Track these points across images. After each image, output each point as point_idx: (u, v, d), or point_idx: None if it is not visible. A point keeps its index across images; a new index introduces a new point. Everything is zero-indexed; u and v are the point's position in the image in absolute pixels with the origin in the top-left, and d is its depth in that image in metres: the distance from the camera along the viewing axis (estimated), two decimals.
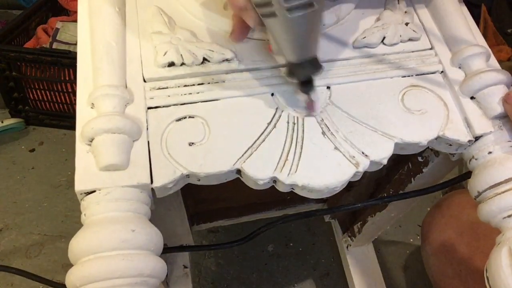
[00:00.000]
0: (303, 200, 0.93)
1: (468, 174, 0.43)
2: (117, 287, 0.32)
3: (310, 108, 0.41)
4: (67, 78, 1.25)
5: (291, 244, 1.14)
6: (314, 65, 0.38)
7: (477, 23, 1.29)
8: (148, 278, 0.33)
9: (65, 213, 1.16)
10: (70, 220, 1.15)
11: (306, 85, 0.39)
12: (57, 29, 1.36)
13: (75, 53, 0.41)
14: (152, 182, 0.36)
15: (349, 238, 0.95)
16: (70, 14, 1.52)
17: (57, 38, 1.35)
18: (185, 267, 0.86)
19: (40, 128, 1.38)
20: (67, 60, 1.19)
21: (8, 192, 1.20)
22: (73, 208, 1.16)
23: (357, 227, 0.88)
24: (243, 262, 1.10)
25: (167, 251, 0.54)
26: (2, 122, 1.32)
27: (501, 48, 1.31)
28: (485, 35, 1.30)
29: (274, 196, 0.92)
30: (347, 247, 0.97)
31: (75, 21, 0.44)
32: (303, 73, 0.38)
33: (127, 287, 0.32)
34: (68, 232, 1.12)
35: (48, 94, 1.31)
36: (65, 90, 1.28)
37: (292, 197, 0.93)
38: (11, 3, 1.76)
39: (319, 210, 0.55)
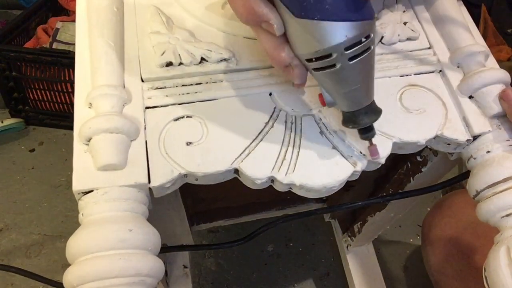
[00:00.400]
0: (303, 200, 0.93)
1: (468, 174, 0.43)
2: (114, 286, 0.32)
3: (373, 153, 0.39)
4: (67, 78, 1.25)
5: (291, 244, 1.14)
6: (374, 110, 0.36)
7: (477, 23, 1.30)
8: (145, 278, 0.33)
9: (65, 213, 1.17)
10: (70, 220, 1.15)
11: (367, 132, 0.37)
12: (57, 29, 1.36)
13: (75, 53, 0.41)
14: (149, 181, 0.36)
15: (349, 238, 0.95)
16: (70, 14, 1.52)
17: (57, 38, 1.35)
18: (185, 267, 0.86)
19: (40, 128, 1.39)
20: (67, 60, 1.19)
21: (8, 192, 1.20)
22: (73, 208, 1.17)
23: (357, 227, 0.88)
24: (243, 262, 1.10)
25: (166, 250, 0.54)
26: (2, 122, 1.33)
27: (501, 48, 1.31)
28: (485, 35, 1.30)
29: (274, 196, 0.92)
30: (347, 247, 0.97)
31: (75, 21, 0.44)
32: (364, 121, 0.36)
33: (125, 286, 0.32)
34: (68, 232, 1.12)
35: (48, 94, 1.31)
36: (65, 90, 1.29)
37: (292, 197, 0.93)
38: (11, 3, 1.76)
39: (319, 209, 0.55)
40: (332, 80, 0.34)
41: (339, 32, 0.30)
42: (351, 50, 0.31)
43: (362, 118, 0.36)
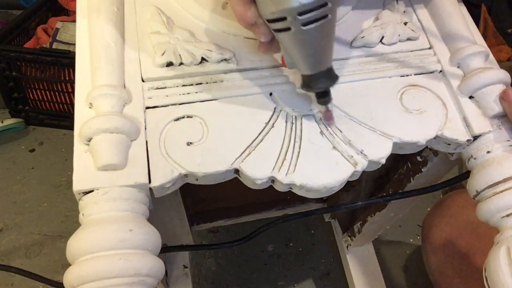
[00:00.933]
0: (303, 200, 0.93)
1: (468, 174, 0.43)
2: (114, 286, 0.32)
3: (328, 118, 0.40)
4: (67, 78, 1.25)
5: (291, 244, 1.14)
6: (330, 76, 0.38)
7: (477, 23, 1.30)
8: (145, 278, 0.33)
9: (65, 213, 1.17)
10: (70, 220, 1.15)
11: (324, 96, 0.39)
12: (57, 29, 1.36)
13: (75, 53, 0.42)
14: (150, 181, 0.36)
15: (349, 238, 0.95)
16: (70, 14, 1.52)
17: (57, 38, 1.35)
18: (185, 267, 0.86)
19: (40, 128, 1.39)
20: (67, 60, 1.19)
21: (8, 192, 1.20)
22: (73, 208, 1.17)
23: (357, 227, 0.88)
24: (243, 262, 1.10)
25: (166, 250, 0.54)
26: (2, 122, 1.33)
27: (501, 48, 1.31)
28: (485, 35, 1.30)
29: (274, 196, 0.92)
30: (347, 247, 0.97)
31: (75, 21, 0.44)
32: (320, 85, 0.38)
33: (125, 286, 0.32)
34: (68, 232, 1.12)
35: (48, 94, 1.31)
36: (65, 90, 1.29)
37: (292, 197, 0.93)
38: (11, 3, 1.76)
39: (320, 209, 0.54)
40: (289, 43, 0.35)
41: None
42: (304, 16, 0.32)
43: (318, 83, 0.37)
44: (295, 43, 0.35)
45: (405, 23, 0.46)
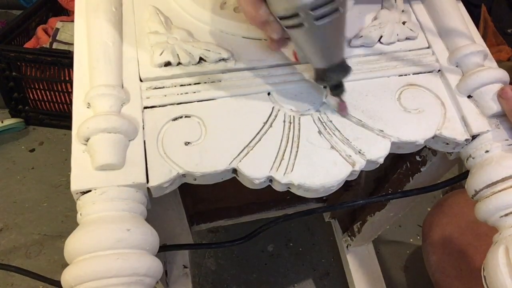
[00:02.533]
0: (303, 200, 0.93)
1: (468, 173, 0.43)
2: (112, 286, 0.32)
3: (342, 109, 0.41)
4: (67, 78, 1.25)
5: (291, 244, 1.14)
6: (344, 68, 0.38)
7: (477, 23, 1.29)
8: (143, 277, 0.33)
9: (65, 213, 1.17)
10: (70, 220, 1.15)
11: (338, 88, 0.40)
12: (57, 29, 1.36)
13: (74, 53, 0.42)
14: (148, 181, 0.36)
15: (349, 238, 0.95)
16: (70, 14, 1.52)
17: (57, 38, 1.35)
18: (185, 267, 0.86)
19: (40, 128, 1.39)
20: (67, 60, 1.19)
21: (8, 192, 1.20)
22: (73, 208, 1.15)
23: (357, 227, 0.88)
24: (243, 262, 1.10)
25: (166, 249, 0.54)
26: (2, 122, 1.33)
27: (501, 48, 1.31)
28: (485, 35, 1.30)
29: (274, 196, 0.92)
30: (347, 247, 0.97)
31: None
32: (334, 78, 0.39)
33: (122, 286, 0.32)
34: (68, 232, 1.10)
35: (48, 94, 1.31)
36: (65, 90, 1.29)
37: (291, 197, 0.93)
38: (11, 3, 1.76)
39: (320, 208, 0.54)
40: (302, 39, 0.36)
41: None
42: (317, 11, 0.33)
43: (332, 76, 0.38)
44: (308, 39, 0.35)
45: (404, 23, 0.46)
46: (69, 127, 1.33)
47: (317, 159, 0.39)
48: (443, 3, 0.46)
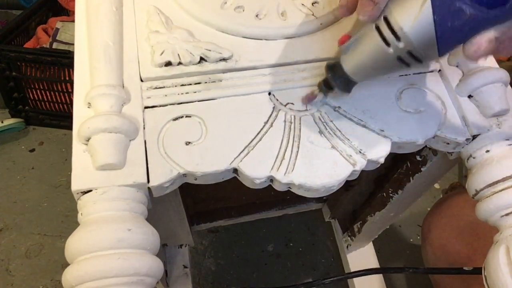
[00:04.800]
0: (303, 199, 0.93)
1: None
2: (113, 286, 0.32)
3: (308, 99, 0.41)
4: (67, 78, 1.25)
5: (291, 244, 1.14)
6: (351, 87, 0.39)
7: None
8: (144, 277, 0.33)
9: (65, 213, 1.16)
10: (70, 220, 1.15)
11: (326, 87, 0.39)
12: (57, 29, 1.36)
13: (74, 53, 0.42)
14: (148, 181, 0.36)
15: (349, 238, 0.95)
16: (70, 14, 1.52)
17: (57, 38, 1.35)
18: (185, 267, 0.86)
19: (40, 128, 1.38)
20: (67, 60, 1.19)
21: (8, 192, 1.20)
22: (73, 208, 1.16)
23: (357, 227, 0.88)
24: (243, 262, 1.10)
25: None
26: (2, 122, 1.33)
27: None
28: None
29: (274, 196, 0.92)
30: (347, 247, 0.97)
31: None
32: (338, 85, 0.38)
33: (123, 286, 0.32)
34: (68, 232, 1.11)
35: (48, 94, 1.31)
36: (65, 90, 1.29)
37: (291, 197, 0.93)
38: (11, 3, 1.76)
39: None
40: (377, 57, 0.34)
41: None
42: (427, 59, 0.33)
43: (340, 83, 0.38)
44: (383, 62, 0.34)
45: None
46: (69, 127, 1.33)
47: (318, 159, 0.39)
48: None
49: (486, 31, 0.30)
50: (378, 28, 0.33)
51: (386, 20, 0.32)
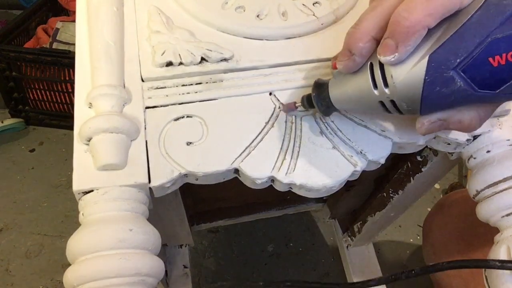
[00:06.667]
0: (303, 199, 0.93)
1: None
2: (114, 286, 0.32)
3: (288, 107, 0.40)
4: (67, 78, 1.25)
5: (291, 244, 1.14)
6: (331, 111, 0.38)
7: None
8: (145, 277, 0.33)
9: (65, 213, 1.17)
10: (70, 220, 1.15)
11: (308, 103, 0.38)
12: (57, 29, 1.36)
13: (75, 53, 0.42)
14: (150, 181, 0.36)
15: (349, 238, 0.95)
16: (70, 14, 1.52)
17: (57, 38, 1.35)
18: (185, 267, 0.86)
19: (40, 128, 1.39)
20: (67, 60, 1.20)
21: (8, 192, 1.20)
22: (73, 208, 1.17)
23: (357, 227, 0.88)
24: (243, 262, 1.10)
25: None
26: (2, 122, 1.33)
27: None
28: None
29: (274, 196, 0.92)
30: (347, 247, 0.97)
31: (75, 21, 0.44)
32: (321, 108, 0.37)
33: (125, 286, 0.32)
34: (68, 232, 1.12)
35: (48, 94, 1.31)
36: (65, 90, 1.29)
37: (292, 197, 0.93)
38: (11, 3, 1.77)
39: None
40: (361, 93, 0.34)
41: None
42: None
43: (321, 105, 0.37)
44: (366, 101, 0.34)
45: None
46: (69, 127, 1.34)
47: (319, 159, 0.39)
48: None
49: (430, 115, 0.32)
50: (371, 67, 0.33)
51: (380, 62, 0.32)
